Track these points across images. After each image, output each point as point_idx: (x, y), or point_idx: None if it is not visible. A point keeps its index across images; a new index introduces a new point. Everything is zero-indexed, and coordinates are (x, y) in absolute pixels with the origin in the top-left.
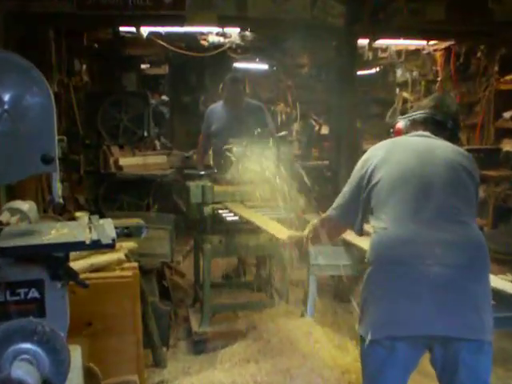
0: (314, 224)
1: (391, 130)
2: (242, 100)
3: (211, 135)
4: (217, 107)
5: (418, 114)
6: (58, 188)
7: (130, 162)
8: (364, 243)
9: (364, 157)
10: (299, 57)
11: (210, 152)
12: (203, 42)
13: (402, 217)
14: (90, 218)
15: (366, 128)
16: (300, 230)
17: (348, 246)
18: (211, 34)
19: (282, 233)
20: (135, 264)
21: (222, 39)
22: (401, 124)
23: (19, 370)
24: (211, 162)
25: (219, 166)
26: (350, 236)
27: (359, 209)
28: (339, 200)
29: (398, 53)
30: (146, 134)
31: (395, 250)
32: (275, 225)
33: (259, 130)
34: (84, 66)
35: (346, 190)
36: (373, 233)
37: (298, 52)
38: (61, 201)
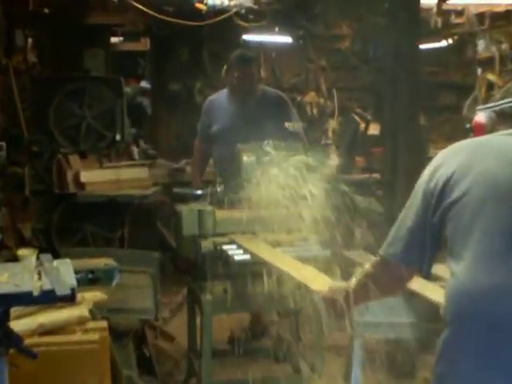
0: (362, 272)
1: (468, 126)
2: (255, 88)
3: (212, 139)
4: (219, 99)
5: (507, 103)
6: None
7: (97, 178)
8: (435, 292)
9: (432, 166)
10: (337, 25)
11: (211, 162)
12: (199, 6)
13: (493, 254)
14: (39, 258)
15: (433, 125)
16: (341, 275)
17: (409, 296)
18: None
19: (317, 282)
20: (104, 323)
21: (226, 1)
22: (483, 117)
23: None
24: (212, 177)
25: (223, 183)
26: (412, 282)
27: (427, 240)
28: (396, 231)
29: (480, 17)
30: (118, 136)
31: (485, 303)
32: (307, 269)
33: (281, 131)
34: (29, 41)
35: (407, 214)
36: (450, 277)
37: (335, 18)
38: None
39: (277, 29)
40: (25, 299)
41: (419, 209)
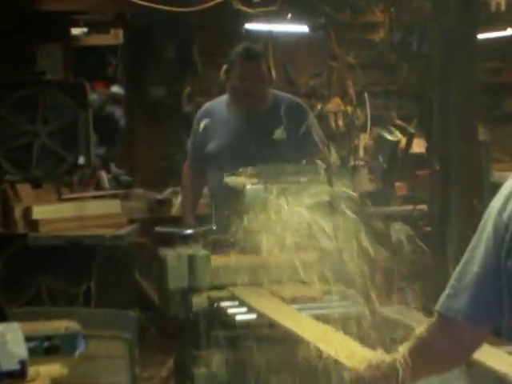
0: (413, 339)
1: None
2: (265, 93)
3: (208, 160)
4: (217, 108)
5: None
6: None
7: (54, 214)
8: (501, 361)
9: (503, 193)
10: (368, 11)
11: (206, 191)
12: None
13: None
14: None
15: (496, 140)
16: (380, 342)
17: (473, 368)
18: None
19: (350, 354)
20: None
21: None
22: None
23: None
24: (207, 211)
25: (222, 219)
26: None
27: (501, 290)
28: (458, 279)
29: None
30: (81, 159)
31: None
32: (332, 334)
33: (299, 150)
34: None
35: (472, 256)
36: None
37: (366, 2)
38: None
39: (289, 15)
40: None
41: (489, 248)
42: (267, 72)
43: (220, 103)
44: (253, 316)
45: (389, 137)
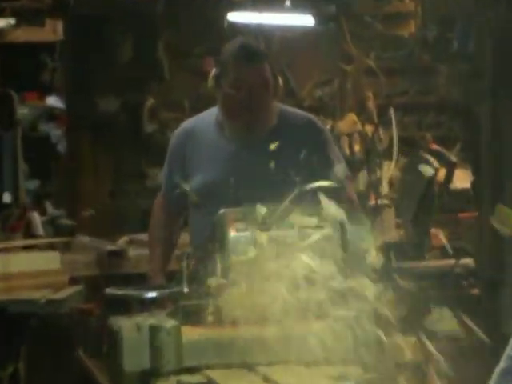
0: None
1: None
2: (269, 106)
3: (190, 200)
4: (202, 127)
5: None
6: None
7: None
8: None
9: None
10: None
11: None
12: None
13: None
14: None
15: None
16: None
17: None
18: None
19: None
20: None
21: None
22: None
23: None
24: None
25: (198, 277)
26: None
27: None
28: None
29: None
30: (7, 197)
31: None
32: None
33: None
34: None
35: None
36: None
37: None
38: None
39: (288, 2)
40: None
41: None
42: (272, 78)
43: (206, 121)
44: None
45: (422, 167)
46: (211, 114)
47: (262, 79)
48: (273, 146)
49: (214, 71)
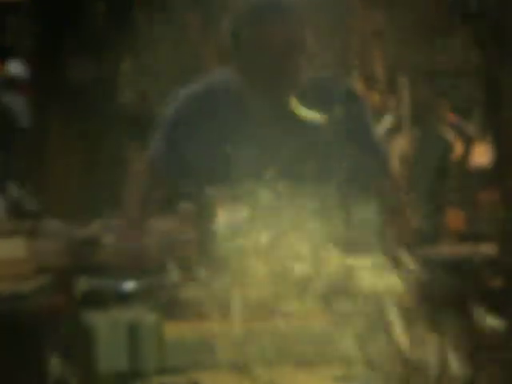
0: None
1: None
2: (301, 69)
3: (199, 177)
4: (217, 95)
5: None
6: None
7: None
8: None
9: None
10: None
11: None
12: None
13: None
14: None
15: None
16: None
17: None
18: None
19: None
20: None
21: None
22: None
23: None
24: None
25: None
26: None
27: None
28: None
29: None
30: None
31: None
32: None
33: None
34: None
35: None
36: None
37: None
38: None
39: None
40: None
41: None
42: (305, 34)
43: (218, 88)
44: None
45: (436, 140)
46: (223, 80)
47: (293, 35)
48: (305, 116)
49: (227, 26)
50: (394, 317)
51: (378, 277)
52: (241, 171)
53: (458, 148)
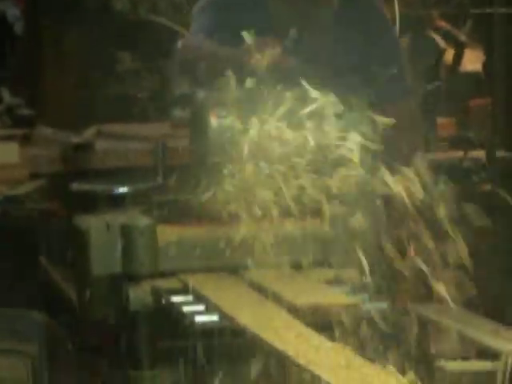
0: None
1: None
2: None
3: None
4: (244, 5)
5: None
6: None
7: None
8: None
9: None
10: None
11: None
12: None
13: None
14: None
15: None
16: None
17: None
18: None
19: None
20: None
21: None
22: None
23: None
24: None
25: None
26: None
27: None
28: None
29: None
30: None
31: None
32: (338, 357)
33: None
34: None
35: None
36: None
37: None
38: None
39: None
40: None
41: None
42: None
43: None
44: (215, 317)
45: (427, 46)
46: None
47: None
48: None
49: None
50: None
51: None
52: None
53: (449, 54)
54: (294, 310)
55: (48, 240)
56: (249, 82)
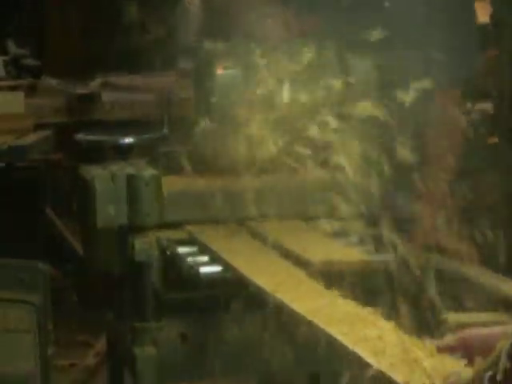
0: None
1: None
2: None
3: None
4: None
5: None
6: None
7: None
8: None
9: None
10: None
11: None
12: None
13: None
14: None
15: None
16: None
17: None
18: None
19: (375, 346)
20: None
21: None
22: None
23: None
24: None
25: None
26: None
27: None
28: None
29: None
30: None
31: None
32: (345, 310)
33: None
34: None
35: None
36: None
37: None
38: None
39: None
40: None
41: None
42: None
43: None
44: (218, 268)
45: None
46: None
47: None
48: None
49: None
50: None
51: None
52: None
53: None
54: (305, 265)
55: (53, 191)
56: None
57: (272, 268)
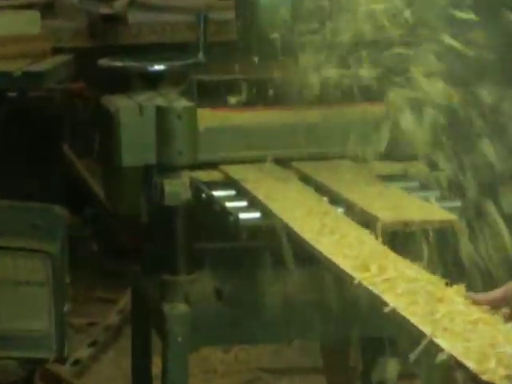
0: None
1: None
2: None
3: None
4: None
5: None
6: None
7: None
8: None
9: None
10: None
11: None
12: None
13: None
14: None
15: None
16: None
17: None
18: None
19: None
20: None
21: None
22: None
23: None
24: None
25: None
26: None
27: None
28: None
29: None
30: None
31: None
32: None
33: None
34: None
35: None
36: None
37: None
38: None
39: None
40: None
41: None
42: None
43: None
44: (258, 214)
45: None
46: None
47: None
48: None
49: None
50: None
51: None
52: None
53: None
54: (372, 222)
55: (71, 125)
56: None
57: (327, 221)
